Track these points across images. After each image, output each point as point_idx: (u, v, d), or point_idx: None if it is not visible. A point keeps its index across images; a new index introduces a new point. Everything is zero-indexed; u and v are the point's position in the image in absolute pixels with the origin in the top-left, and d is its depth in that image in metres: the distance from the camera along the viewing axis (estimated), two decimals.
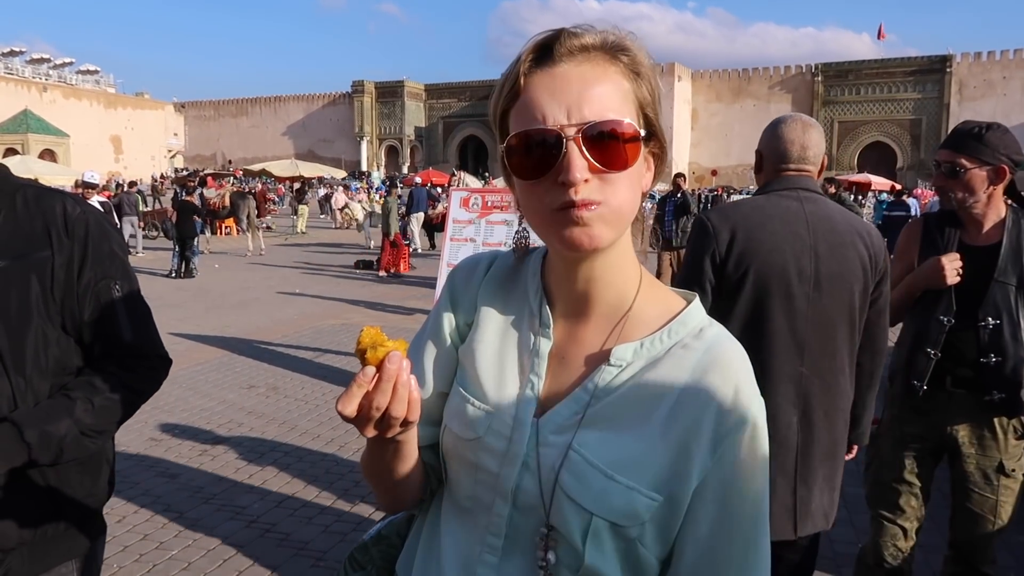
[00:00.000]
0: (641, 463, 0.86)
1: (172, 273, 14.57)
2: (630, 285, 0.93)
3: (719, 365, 0.88)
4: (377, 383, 0.79)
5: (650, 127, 0.88)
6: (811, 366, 2.18)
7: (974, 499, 2.56)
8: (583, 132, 0.82)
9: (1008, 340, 2.43)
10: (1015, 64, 59.17)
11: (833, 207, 2.29)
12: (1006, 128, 2.51)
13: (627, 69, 0.86)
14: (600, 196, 0.83)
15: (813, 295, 2.17)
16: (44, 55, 76.26)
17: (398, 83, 76.04)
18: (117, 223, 15.40)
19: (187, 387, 6.71)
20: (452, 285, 1.05)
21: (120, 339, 1.58)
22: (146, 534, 3.92)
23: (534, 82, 0.85)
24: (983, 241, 2.52)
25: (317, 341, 8.68)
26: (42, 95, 65.73)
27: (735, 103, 68.67)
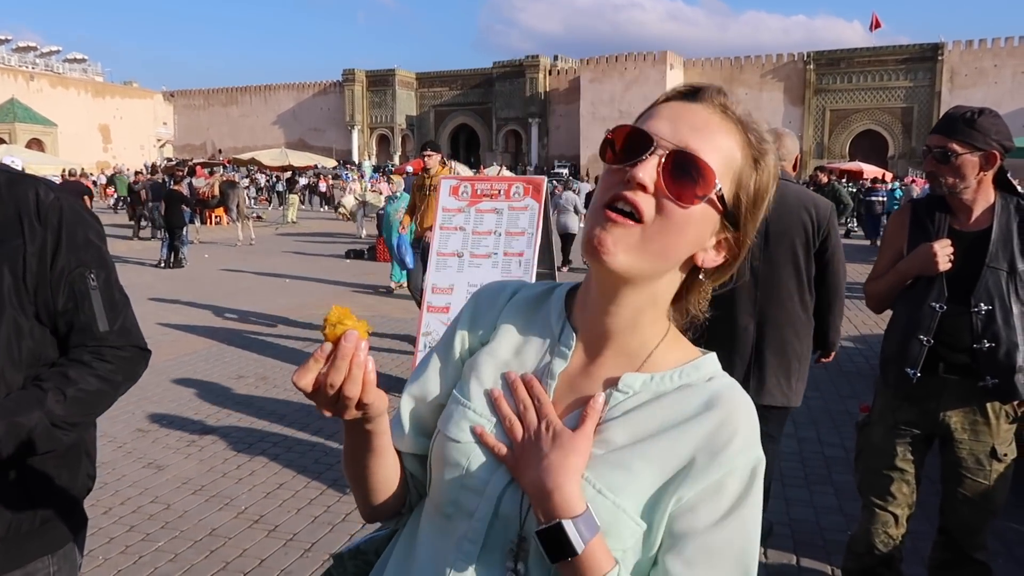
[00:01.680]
0: (631, 482, 0.85)
1: (161, 263, 14.48)
2: (655, 335, 0.94)
3: (725, 409, 0.88)
4: (332, 360, 0.81)
5: (737, 212, 0.88)
6: (763, 292, 3.15)
7: (967, 484, 2.56)
8: (672, 153, 0.84)
9: (1000, 325, 2.43)
10: (1006, 52, 59.25)
11: (791, 188, 3.20)
12: (997, 113, 2.50)
13: (746, 150, 0.88)
14: (648, 214, 0.84)
15: (761, 243, 3.10)
16: (31, 43, 75.50)
17: (389, 71, 75.67)
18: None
19: (175, 377, 6.66)
20: (476, 305, 1.05)
21: (95, 329, 1.53)
22: (132, 525, 3.88)
23: (669, 106, 0.89)
24: (973, 227, 2.51)
25: (307, 331, 8.64)
26: (29, 84, 65.07)
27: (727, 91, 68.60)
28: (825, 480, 4.53)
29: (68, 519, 1.63)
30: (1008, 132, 2.47)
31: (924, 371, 2.53)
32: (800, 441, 5.17)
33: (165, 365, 7.03)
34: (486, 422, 0.93)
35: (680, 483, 0.85)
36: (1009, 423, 2.54)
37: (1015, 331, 2.43)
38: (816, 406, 5.91)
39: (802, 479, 4.55)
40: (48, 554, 1.59)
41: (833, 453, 4.96)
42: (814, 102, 64.55)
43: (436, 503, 0.96)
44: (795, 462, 4.78)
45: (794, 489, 4.38)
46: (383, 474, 0.98)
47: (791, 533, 3.85)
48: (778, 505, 4.14)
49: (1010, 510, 4.00)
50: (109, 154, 70.58)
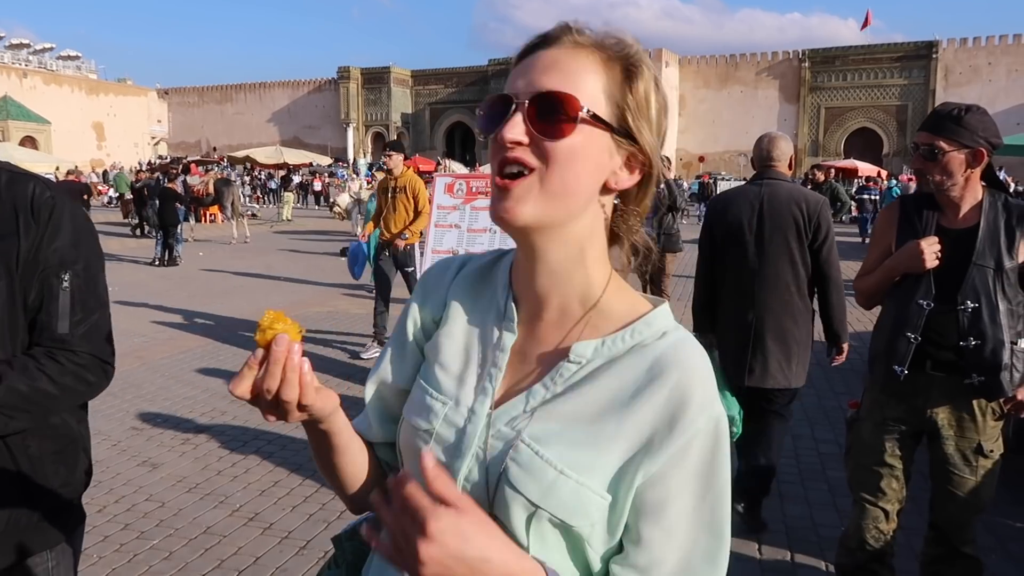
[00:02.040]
0: (592, 461, 0.85)
1: (155, 261, 14.44)
2: (596, 284, 0.92)
3: (676, 369, 0.86)
4: (266, 366, 0.81)
5: (625, 127, 0.87)
6: (760, 284, 3.56)
7: (954, 480, 2.57)
8: (531, 100, 0.84)
9: (987, 323, 2.43)
10: (1000, 50, 59.40)
11: (782, 186, 3.64)
12: (985, 110, 2.50)
13: (613, 69, 0.87)
14: (534, 163, 0.84)
15: (758, 241, 3.58)
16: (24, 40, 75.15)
17: (384, 69, 75.49)
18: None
19: (170, 376, 6.65)
20: (424, 284, 1.05)
21: (52, 329, 1.51)
22: (127, 524, 3.88)
23: (523, 61, 0.89)
24: (961, 224, 2.51)
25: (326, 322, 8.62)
26: (22, 81, 64.84)
27: (723, 89, 68.66)
28: (819, 476, 4.54)
29: (66, 515, 1.64)
30: (995, 129, 2.47)
31: (911, 368, 2.54)
32: (795, 438, 5.18)
33: (159, 363, 7.01)
34: (440, 405, 0.93)
35: (644, 456, 0.84)
36: (995, 420, 2.55)
37: (1001, 329, 2.43)
38: (810, 403, 5.92)
39: (796, 475, 4.56)
40: (46, 549, 1.60)
41: (827, 449, 4.98)
42: (809, 100, 64.64)
43: None
44: (789, 458, 4.79)
45: (788, 485, 4.39)
46: (351, 469, 0.99)
47: (785, 529, 3.86)
48: (772, 501, 4.15)
49: (1004, 506, 4.02)
50: (103, 151, 70.37)
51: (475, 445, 0.90)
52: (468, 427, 0.91)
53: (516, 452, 0.86)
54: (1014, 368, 2.47)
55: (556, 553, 0.87)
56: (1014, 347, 2.48)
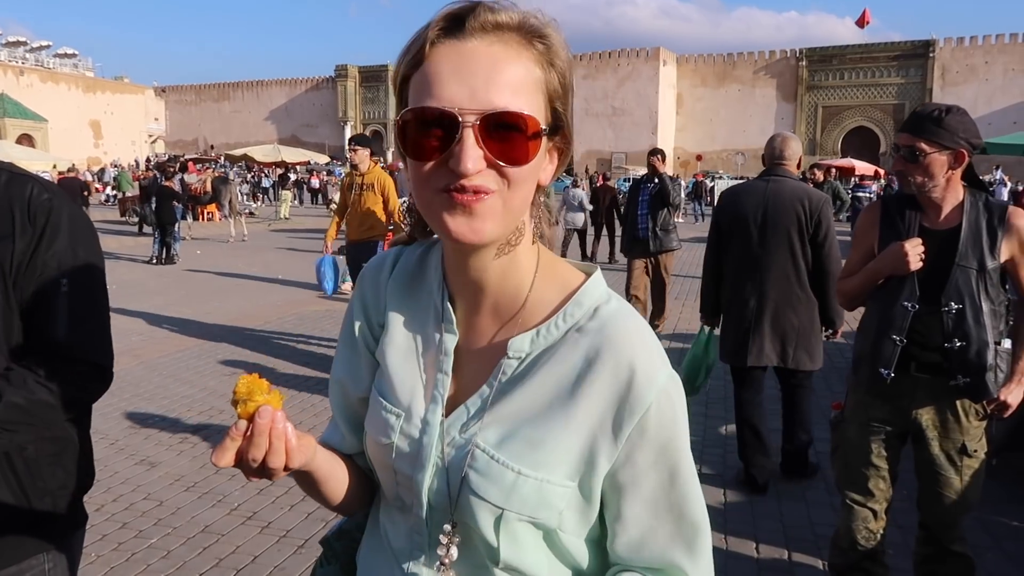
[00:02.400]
0: (548, 454, 0.84)
1: (153, 260, 14.43)
2: (527, 271, 0.90)
3: (614, 346, 0.84)
4: (250, 437, 0.79)
5: (557, 120, 0.83)
6: (762, 273, 3.95)
7: (939, 481, 2.58)
8: (483, 120, 0.76)
9: (971, 324, 2.43)
10: (997, 49, 59.48)
11: (787, 183, 3.99)
12: (964, 111, 2.48)
13: (541, 56, 0.81)
14: (495, 186, 0.78)
15: (762, 233, 3.95)
16: (20, 38, 74.95)
17: (382, 67, 75.41)
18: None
19: (167, 374, 6.65)
20: (361, 287, 1.02)
21: (50, 337, 1.47)
22: (125, 522, 3.88)
23: (439, 53, 0.78)
24: (943, 225, 2.50)
25: (300, 327, 8.63)
26: (19, 79, 64.62)
27: (720, 88, 68.67)
28: (816, 475, 4.55)
29: (65, 517, 1.62)
30: (975, 130, 2.46)
31: (896, 370, 2.54)
32: None
33: (157, 362, 7.01)
34: (395, 418, 0.92)
35: (603, 439, 0.84)
36: (978, 420, 2.55)
37: (985, 330, 2.44)
38: None
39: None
40: (43, 552, 1.59)
41: (824, 448, 4.96)
42: (806, 99, 64.68)
43: (385, 497, 0.98)
44: None
45: (785, 484, 4.39)
46: (336, 490, 0.99)
47: (783, 528, 3.87)
48: (769, 500, 4.16)
49: (999, 505, 4.03)
50: (100, 150, 70.23)
51: (433, 456, 0.89)
52: (424, 438, 0.90)
53: (473, 459, 0.86)
54: (998, 368, 2.47)
55: (531, 549, 0.87)
56: (998, 347, 2.48)
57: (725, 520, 3.91)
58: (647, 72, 65.25)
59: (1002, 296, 2.49)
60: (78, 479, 1.64)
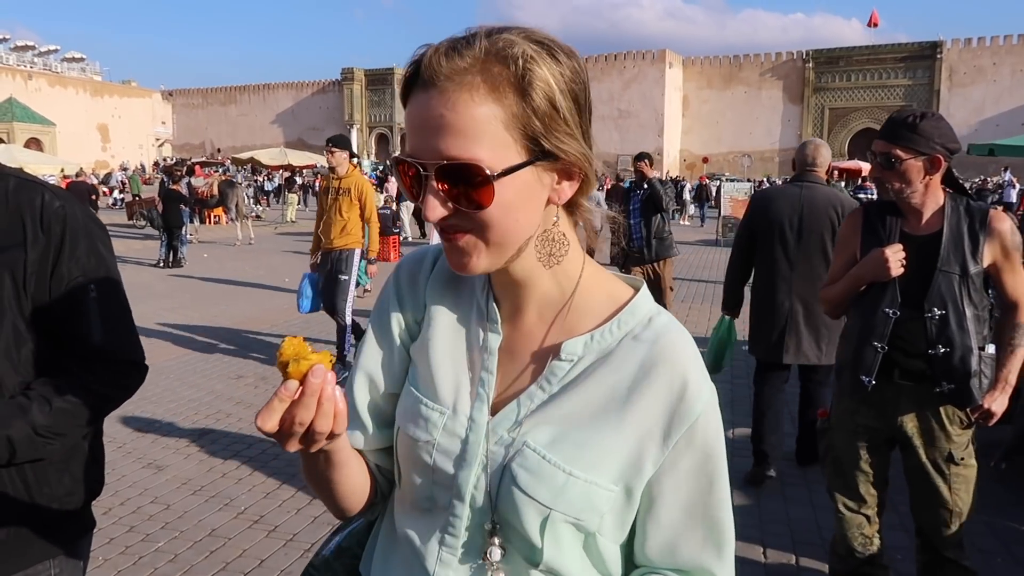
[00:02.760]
0: (599, 457, 0.86)
1: (160, 263, 14.48)
2: (570, 276, 0.91)
3: (669, 357, 0.88)
4: (300, 397, 0.77)
5: (541, 146, 0.81)
6: (797, 275, 4.19)
7: (928, 489, 2.55)
8: (437, 171, 0.79)
9: (955, 330, 2.41)
10: (1005, 50, 59.27)
11: (820, 190, 4.22)
12: (940, 116, 2.47)
13: (509, 89, 0.78)
14: (468, 225, 0.82)
15: (796, 237, 4.20)
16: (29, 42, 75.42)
17: (388, 70, 75.59)
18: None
19: (175, 378, 6.67)
20: (398, 282, 1.02)
21: (88, 341, 1.51)
22: (132, 526, 3.89)
23: (410, 102, 0.82)
24: (924, 230, 2.48)
25: (306, 330, 8.64)
26: (27, 83, 65.06)
27: (726, 90, 68.61)
28: (822, 478, 4.52)
29: (72, 523, 1.63)
30: (952, 135, 2.44)
31: (879, 377, 2.52)
32: None
33: (165, 365, 7.03)
34: (439, 415, 0.92)
35: (652, 445, 0.87)
36: (963, 428, 2.52)
37: (969, 335, 2.40)
38: None
39: (800, 478, 4.55)
40: (50, 558, 1.59)
41: None
42: (813, 100, 64.56)
43: (411, 498, 0.96)
44: (792, 460, 4.78)
45: (793, 488, 4.38)
46: (351, 482, 0.97)
47: (790, 532, 3.86)
48: (776, 504, 4.15)
49: (1008, 509, 4.01)
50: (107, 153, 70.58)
51: (479, 453, 0.89)
52: (470, 436, 0.90)
53: (523, 458, 0.87)
54: (983, 374, 2.44)
55: (571, 552, 0.89)
56: (982, 353, 2.44)
57: None
58: (653, 74, 65.24)
59: (985, 301, 2.46)
60: (86, 485, 1.64)
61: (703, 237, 21.07)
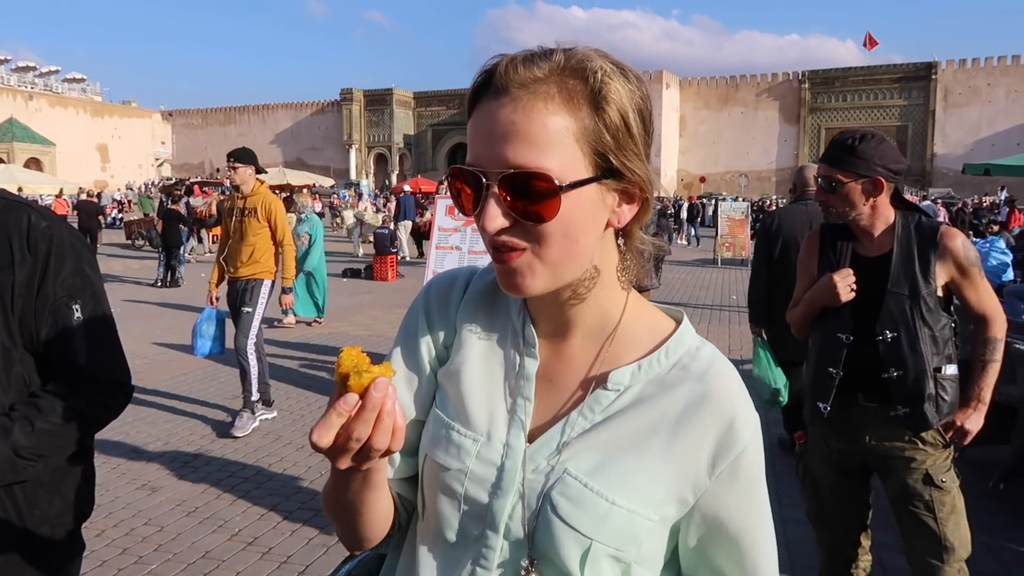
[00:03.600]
0: (642, 486, 0.84)
1: (158, 282, 14.47)
2: (615, 305, 0.90)
3: (718, 390, 0.86)
4: (360, 412, 0.72)
5: (608, 165, 0.80)
6: None
7: (913, 520, 2.44)
8: (501, 180, 0.77)
9: (907, 352, 2.34)
10: (999, 71, 59.72)
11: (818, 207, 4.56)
12: (883, 137, 2.44)
13: (583, 103, 0.78)
14: (525, 243, 0.80)
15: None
16: (30, 63, 75.87)
17: (387, 91, 76.03)
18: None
19: (171, 397, 6.64)
20: (427, 304, 0.98)
21: (73, 361, 1.51)
22: (125, 548, 3.85)
23: (476, 112, 0.81)
24: (875, 251, 2.43)
25: (303, 350, 8.62)
26: (28, 104, 65.39)
27: (723, 110, 69.02)
28: None
29: (62, 547, 1.61)
30: (895, 155, 2.41)
31: (843, 400, 2.46)
32: (795, 460, 5.14)
33: (160, 385, 7.00)
34: (471, 442, 0.88)
35: (698, 474, 0.85)
36: (939, 449, 2.41)
37: (922, 357, 2.32)
38: None
39: (797, 498, 4.51)
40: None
41: None
42: (809, 121, 64.93)
43: (436, 529, 0.91)
44: (790, 481, 4.75)
45: (790, 509, 4.35)
46: (379, 507, 0.91)
47: (787, 555, 3.83)
48: (775, 526, 4.11)
49: (1008, 530, 3.99)
50: (107, 173, 70.80)
51: (516, 482, 0.86)
52: (506, 463, 0.87)
53: (564, 486, 0.84)
54: (940, 397, 2.35)
55: None
56: (938, 375, 2.35)
57: None
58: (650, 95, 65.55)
59: (944, 320, 2.37)
60: (76, 507, 1.63)
61: (699, 256, 21.08)
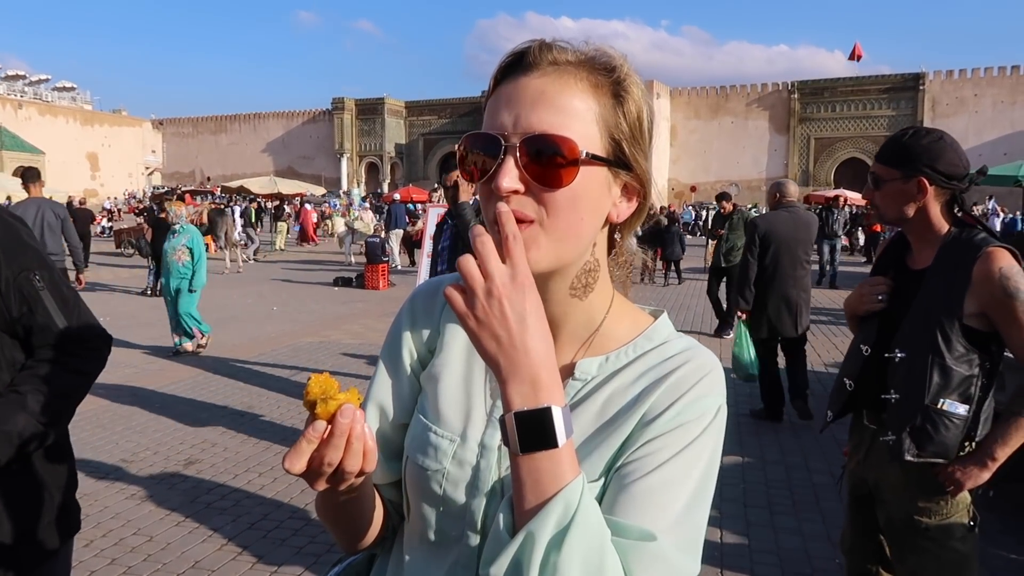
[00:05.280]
0: (599, 460, 0.84)
1: (147, 291, 14.39)
2: (602, 304, 0.91)
3: (682, 372, 0.86)
4: (329, 438, 0.74)
5: (620, 154, 0.84)
6: (801, 272, 6.02)
7: (894, 556, 2.27)
8: (523, 142, 0.79)
9: (909, 376, 2.11)
10: (986, 82, 60.30)
11: (800, 212, 6.28)
12: (941, 135, 2.18)
13: (606, 92, 0.83)
14: (533, 214, 0.80)
15: (795, 245, 5.96)
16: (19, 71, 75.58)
17: (378, 100, 76.07)
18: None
19: (160, 406, 6.60)
20: (412, 310, 1.00)
21: (55, 327, 1.59)
22: (114, 558, 3.82)
23: (500, 90, 0.84)
24: (920, 264, 2.21)
25: (294, 359, 8.59)
26: (17, 112, 65.08)
27: (713, 120, 69.36)
28: (813, 507, 4.52)
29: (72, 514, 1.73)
30: (952, 158, 2.12)
31: (854, 418, 2.36)
32: (788, 468, 5.16)
33: (150, 394, 6.96)
34: (448, 443, 0.89)
35: (639, 429, 0.83)
36: (937, 493, 2.12)
37: (923, 384, 2.06)
38: (804, 432, 5.91)
39: (790, 506, 4.54)
40: None
41: (820, 480, 4.95)
42: (799, 130, 65.31)
43: (419, 530, 0.93)
44: (783, 489, 4.77)
45: (782, 517, 4.36)
46: (368, 515, 0.94)
47: (779, 561, 3.83)
48: (766, 533, 4.12)
49: (996, 537, 4.00)
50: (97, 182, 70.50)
51: (491, 481, 0.87)
52: (482, 462, 0.88)
53: None
54: (926, 431, 2.06)
55: None
56: (931, 407, 2.06)
57: (722, 555, 3.87)
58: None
59: (964, 351, 2.05)
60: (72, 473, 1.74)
61: (690, 265, 20.95)
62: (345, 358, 8.73)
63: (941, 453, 2.07)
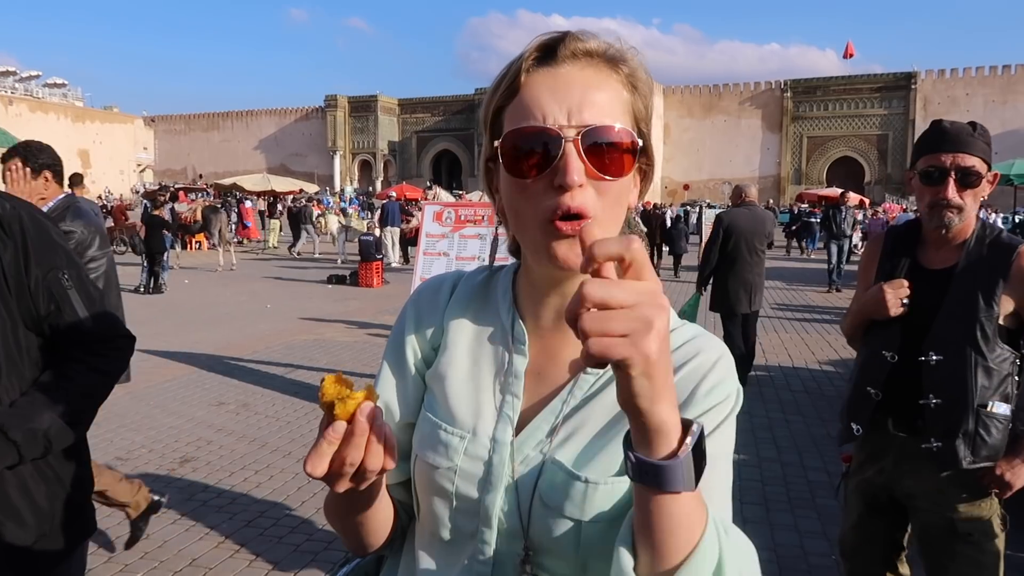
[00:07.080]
0: (611, 459, 0.83)
1: (141, 288, 14.33)
2: None
3: (695, 360, 0.86)
4: (349, 438, 0.74)
5: (643, 140, 0.86)
6: (756, 259, 7.16)
7: (932, 565, 2.21)
8: (582, 135, 0.79)
9: (951, 380, 2.07)
10: (977, 81, 60.72)
11: (759, 210, 7.51)
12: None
13: (626, 80, 0.85)
14: (593, 209, 0.80)
15: (752, 237, 7.11)
16: (9, 68, 75.11)
17: (371, 97, 75.96)
18: None
19: (155, 404, 6.58)
20: (416, 308, 1.00)
21: (82, 326, 1.60)
22: (110, 556, 3.81)
23: (535, 80, 0.83)
24: (939, 263, 2.15)
25: (288, 357, 8.58)
26: (7, 109, 64.75)
27: (706, 118, 69.54)
28: (808, 504, 4.54)
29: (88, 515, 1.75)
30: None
31: (874, 426, 2.25)
32: (784, 465, 5.18)
33: (145, 392, 6.94)
34: (459, 440, 0.89)
35: None
36: (978, 497, 2.11)
37: (967, 387, 2.04)
38: (798, 430, 5.94)
39: (786, 503, 4.55)
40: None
41: (816, 477, 4.98)
42: (791, 129, 65.55)
43: (431, 529, 0.93)
44: (779, 486, 4.79)
45: (778, 514, 4.38)
46: (379, 515, 0.94)
47: (776, 558, 3.85)
48: (762, 530, 4.14)
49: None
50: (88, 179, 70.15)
51: (505, 475, 0.87)
52: (494, 457, 0.88)
53: (550, 473, 0.85)
54: (979, 435, 2.05)
55: (602, 562, 0.82)
56: (982, 411, 2.05)
57: None
58: None
59: (1002, 352, 2.06)
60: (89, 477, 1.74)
61: (684, 263, 20.96)
62: (339, 356, 8.72)
63: (992, 456, 2.06)
